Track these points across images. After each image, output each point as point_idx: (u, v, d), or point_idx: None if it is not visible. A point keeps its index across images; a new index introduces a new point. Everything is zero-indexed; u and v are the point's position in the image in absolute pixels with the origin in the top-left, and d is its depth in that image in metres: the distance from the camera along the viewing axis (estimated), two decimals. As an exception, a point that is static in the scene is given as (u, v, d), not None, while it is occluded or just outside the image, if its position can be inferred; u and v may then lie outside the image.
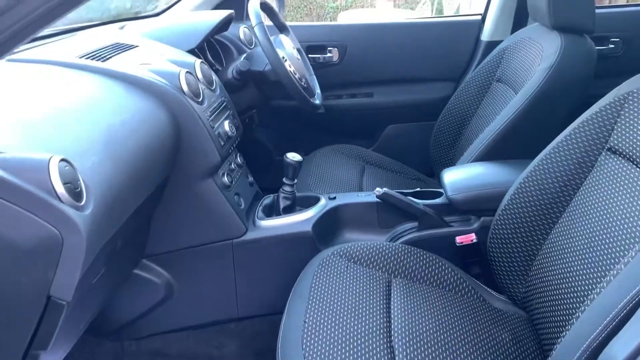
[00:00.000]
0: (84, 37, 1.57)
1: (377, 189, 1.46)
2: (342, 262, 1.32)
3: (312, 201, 1.54)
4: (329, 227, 1.50)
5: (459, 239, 1.38)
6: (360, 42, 2.19)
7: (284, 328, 1.14)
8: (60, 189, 0.81)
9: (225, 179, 1.44)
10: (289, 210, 1.51)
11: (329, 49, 2.18)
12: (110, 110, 1.14)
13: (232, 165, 1.52)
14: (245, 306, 1.53)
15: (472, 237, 1.37)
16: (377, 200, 1.49)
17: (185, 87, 1.34)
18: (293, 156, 1.46)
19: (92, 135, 1.02)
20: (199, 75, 1.45)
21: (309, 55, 2.17)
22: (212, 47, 1.90)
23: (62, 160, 0.85)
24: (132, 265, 1.43)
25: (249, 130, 2.11)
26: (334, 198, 1.55)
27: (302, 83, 1.73)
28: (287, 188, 1.50)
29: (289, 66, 1.67)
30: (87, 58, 1.31)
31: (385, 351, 1.07)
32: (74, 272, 0.83)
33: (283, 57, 1.66)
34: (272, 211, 1.55)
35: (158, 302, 1.50)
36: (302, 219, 1.47)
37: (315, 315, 1.15)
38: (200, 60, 1.50)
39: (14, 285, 0.82)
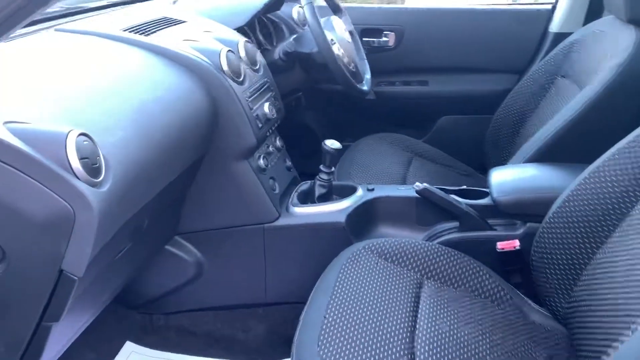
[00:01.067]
0: (133, 11, 1.57)
1: (417, 183, 1.38)
2: (372, 258, 1.26)
3: (349, 191, 1.49)
4: (364, 220, 1.45)
5: (500, 245, 1.29)
6: (418, 27, 2.09)
7: (302, 322, 1.11)
8: (76, 164, 0.80)
9: (261, 161, 1.41)
10: (324, 198, 1.47)
11: (385, 32, 2.09)
12: (144, 86, 1.12)
13: (270, 148, 1.49)
14: (274, 292, 1.51)
15: (515, 243, 1.28)
16: (417, 195, 1.41)
17: (225, 66, 1.31)
18: (332, 143, 1.41)
19: (122, 111, 1.01)
20: (242, 54, 1.42)
21: (364, 39, 2.10)
22: (264, 26, 1.86)
23: (82, 134, 0.84)
24: (163, 241, 1.43)
25: (295, 112, 2.08)
26: (372, 189, 1.49)
27: (351, 67, 1.67)
28: (323, 176, 1.45)
29: (338, 49, 1.61)
30: (131, 31, 1.31)
31: (406, 357, 1.01)
32: (85, 248, 0.82)
33: (332, 40, 1.60)
34: (307, 198, 1.51)
35: (188, 280, 1.50)
36: (336, 209, 1.42)
37: (336, 312, 1.10)
38: (245, 39, 1.46)
39: (27, 257, 0.82)
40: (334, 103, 2.19)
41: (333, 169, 1.45)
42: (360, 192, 1.48)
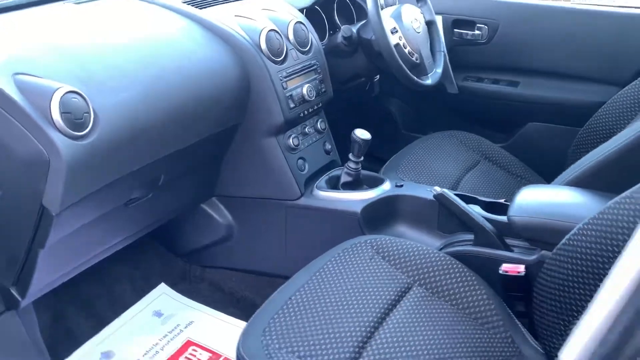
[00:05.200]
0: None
1: (435, 187, 1.32)
2: (369, 253, 1.25)
3: (376, 182, 1.48)
4: (383, 215, 1.43)
5: (504, 267, 1.19)
6: (516, 23, 1.93)
7: (270, 298, 1.15)
8: (56, 116, 0.92)
9: (291, 141, 1.45)
10: (349, 186, 1.47)
11: (478, 25, 1.97)
12: (172, 56, 1.22)
13: (308, 130, 1.52)
14: (294, 267, 1.54)
15: (519, 268, 1.17)
16: (441, 199, 1.35)
17: (263, 45, 1.36)
18: (361, 133, 1.40)
19: (136, 77, 1.11)
20: (290, 35, 1.46)
21: (455, 30, 2.00)
22: (345, 7, 1.87)
23: (72, 92, 0.96)
24: (197, 199, 1.56)
25: (370, 98, 2.07)
26: (401, 186, 1.46)
27: (413, 59, 1.62)
28: (351, 164, 1.45)
29: (399, 39, 1.58)
30: (189, 3, 1.41)
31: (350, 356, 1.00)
32: (57, 189, 0.95)
33: (394, 28, 1.57)
34: (337, 184, 1.52)
35: (219, 239, 1.62)
36: (354, 199, 1.42)
37: (305, 295, 1.12)
38: (298, 20, 1.49)
39: (16, 188, 0.97)
40: (414, 92, 2.12)
41: (362, 158, 1.44)
42: (386, 185, 1.45)
